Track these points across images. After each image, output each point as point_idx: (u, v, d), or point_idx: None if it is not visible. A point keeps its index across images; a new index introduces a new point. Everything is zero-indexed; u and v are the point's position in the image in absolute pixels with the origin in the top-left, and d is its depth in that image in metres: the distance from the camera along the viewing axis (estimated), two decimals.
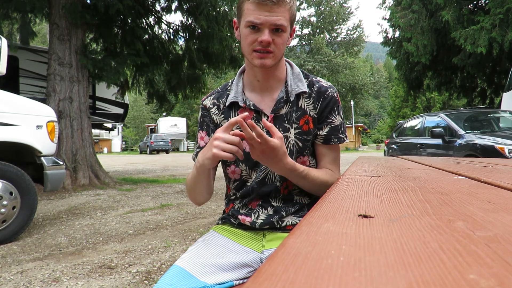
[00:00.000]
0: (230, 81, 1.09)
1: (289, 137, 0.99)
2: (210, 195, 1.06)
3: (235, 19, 0.98)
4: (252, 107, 0.99)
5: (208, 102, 1.07)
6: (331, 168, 1.04)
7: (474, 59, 9.73)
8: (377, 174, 0.82)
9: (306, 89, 1.00)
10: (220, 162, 1.10)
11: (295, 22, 1.00)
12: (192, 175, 1.00)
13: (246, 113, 0.84)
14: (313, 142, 1.04)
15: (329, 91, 1.01)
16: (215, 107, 1.06)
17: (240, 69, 1.07)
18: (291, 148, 1.00)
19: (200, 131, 1.09)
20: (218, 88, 1.11)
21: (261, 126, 0.99)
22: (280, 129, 0.98)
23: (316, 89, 1.01)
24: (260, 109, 0.99)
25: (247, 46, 0.92)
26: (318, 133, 1.02)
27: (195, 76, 7.99)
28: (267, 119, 0.98)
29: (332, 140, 1.02)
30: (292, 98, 0.99)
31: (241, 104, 1.00)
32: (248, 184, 1.03)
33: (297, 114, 0.99)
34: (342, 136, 1.03)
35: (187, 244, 2.77)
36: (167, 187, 6.26)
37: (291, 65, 1.05)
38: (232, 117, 1.02)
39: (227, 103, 1.03)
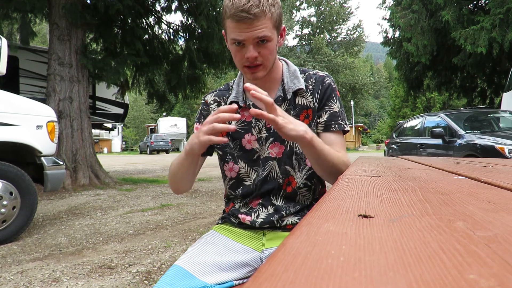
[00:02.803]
0: (232, 81, 1.11)
1: None
2: (192, 185, 1.05)
3: (223, 31, 0.97)
4: (252, 107, 1.01)
5: (209, 98, 1.11)
6: (338, 150, 1.02)
7: (474, 59, 9.73)
8: (377, 174, 0.82)
9: (303, 86, 1.01)
10: (218, 159, 1.10)
11: (296, 23, 1.00)
12: (179, 160, 0.96)
13: (235, 105, 0.79)
14: (316, 132, 1.03)
15: (326, 79, 1.03)
16: (216, 103, 1.09)
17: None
18: (291, 144, 1.01)
19: (197, 123, 1.11)
20: (221, 87, 1.14)
21: (261, 125, 1.02)
22: None
23: (314, 80, 1.03)
24: (260, 109, 1.00)
25: (238, 63, 0.95)
26: (318, 120, 1.02)
27: (195, 76, 8.00)
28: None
29: (333, 126, 1.00)
30: (289, 96, 1.00)
31: (241, 104, 1.03)
32: (246, 182, 1.04)
33: (296, 110, 1.01)
34: (342, 123, 1.01)
35: (187, 244, 2.77)
36: (167, 187, 6.26)
37: (287, 63, 1.07)
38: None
39: (228, 102, 1.05)
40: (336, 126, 1.00)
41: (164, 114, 33.63)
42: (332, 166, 0.92)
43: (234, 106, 0.79)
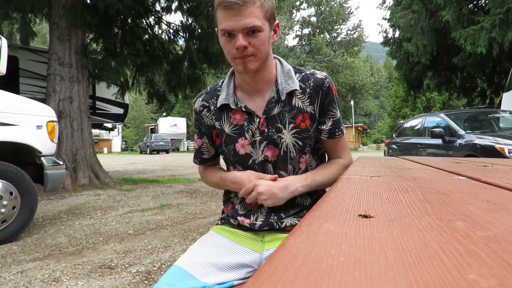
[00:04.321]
0: (220, 82, 1.07)
1: (282, 138, 0.97)
2: None
3: (216, 28, 0.95)
4: (243, 109, 0.98)
5: (197, 105, 1.07)
6: (341, 156, 1.07)
7: (474, 59, 9.73)
8: (377, 174, 0.82)
9: (297, 87, 0.97)
10: (223, 161, 1.12)
11: (296, 23, 1.00)
12: (218, 184, 1.10)
13: (275, 176, 0.96)
14: (317, 137, 1.03)
15: (325, 83, 0.98)
16: (205, 109, 1.05)
17: (230, 70, 1.05)
18: (285, 149, 0.98)
19: (195, 133, 1.12)
20: (208, 88, 1.09)
21: (254, 128, 0.98)
22: (274, 130, 0.97)
23: (312, 83, 0.98)
24: (252, 111, 0.97)
25: (227, 55, 0.91)
26: (322, 127, 1.01)
27: (195, 76, 7.99)
28: (259, 121, 0.97)
29: (337, 134, 1.02)
30: (283, 97, 0.96)
31: (233, 106, 0.99)
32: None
33: (292, 113, 0.97)
34: (343, 128, 1.04)
35: (187, 244, 2.77)
36: (167, 187, 6.26)
37: (281, 63, 1.02)
38: (224, 119, 1.01)
39: (218, 105, 1.01)
40: (340, 133, 1.03)
41: (164, 114, 33.65)
42: (330, 184, 1.01)
43: (275, 176, 0.97)
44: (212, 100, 1.04)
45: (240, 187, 0.97)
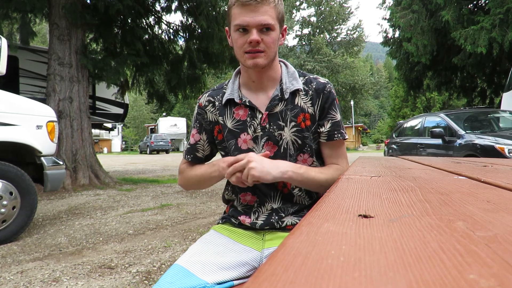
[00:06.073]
0: (226, 81, 1.10)
1: (283, 135, 0.99)
2: None
3: (226, 27, 0.99)
4: (247, 104, 1.00)
5: (203, 100, 1.09)
6: (338, 162, 1.06)
7: (474, 59, 9.73)
8: (377, 174, 0.82)
9: (301, 87, 1.00)
10: (220, 156, 1.12)
11: (296, 23, 1.02)
12: (203, 174, 1.04)
13: (267, 152, 0.95)
14: (317, 141, 1.04)
15: (327, 87, 1.02)
16: (211, 104, 1.07)
17: (236, 70, 1.08)
18: (285, 146, 1.00)
19: (193, 128, 1.12)
20: (215, 86, 1.12)
21: (256, 123, 1.00)
22: (275, 127, 0.99)
23: (314, 86, 1.02)
24: (255, 106, 1.00)
25: (239, 49, 0.94)
26: (321, 129, 1.02)
27: (195, 76, 7.99)
28: (261, 117, 1.00)
29: (336, 136, 1.02)
30: (286, 96, 0.99)
31: (237, 100, 1.01)
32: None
33: (294, 111, 1.00)
34: (343, 131, 1.04)
35: (187, 244, 2.77)
36: (167, 187, 6.26)
37: (286, 65, 1.07)
38: (228, 114, 1.03)
39: (224, 101, 1.04)
40: (339, 135, 1.02)
41: (164, 114, 33.61)
42: (319, 188, 0.97)
43: (267, 153, 0.95)
44: (218, 97, 1.07)
45: (232, 164, 0.92)
